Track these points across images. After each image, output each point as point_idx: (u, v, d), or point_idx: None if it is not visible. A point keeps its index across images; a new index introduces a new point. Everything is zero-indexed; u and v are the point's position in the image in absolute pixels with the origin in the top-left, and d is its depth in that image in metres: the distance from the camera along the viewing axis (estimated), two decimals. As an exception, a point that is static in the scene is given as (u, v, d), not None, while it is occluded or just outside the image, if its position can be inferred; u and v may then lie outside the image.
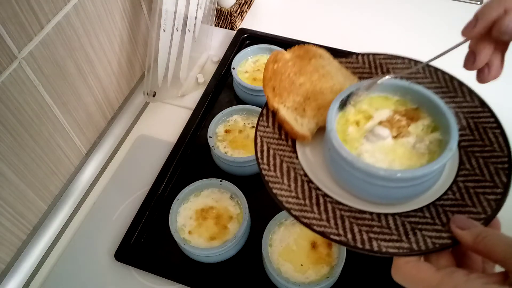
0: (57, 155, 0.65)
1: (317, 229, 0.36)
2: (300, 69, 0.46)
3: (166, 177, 0.66)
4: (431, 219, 0.36)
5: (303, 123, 0.43)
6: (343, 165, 0.37)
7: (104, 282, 0.59)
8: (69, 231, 0.64)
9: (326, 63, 0.47)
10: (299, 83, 0.45)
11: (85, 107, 0.68)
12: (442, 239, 0.35)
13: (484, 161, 0.39)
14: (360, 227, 0.36)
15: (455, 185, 0.39)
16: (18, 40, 0.53)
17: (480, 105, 0.43)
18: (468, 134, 0.42)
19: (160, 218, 0.62)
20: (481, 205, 0.36)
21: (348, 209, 0.38)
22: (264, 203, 0.62)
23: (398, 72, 0.46)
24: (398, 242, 0.35)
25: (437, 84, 0.45)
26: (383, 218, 0.37)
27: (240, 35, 0.85)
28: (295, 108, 0.44)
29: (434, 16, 0.90)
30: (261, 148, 0.42)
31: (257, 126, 0.44)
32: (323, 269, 0.54)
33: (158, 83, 0.75)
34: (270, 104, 0.43)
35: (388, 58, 0.48)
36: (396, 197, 0.38)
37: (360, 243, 0.35)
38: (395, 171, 0.36)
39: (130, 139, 0.74)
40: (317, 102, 0.44)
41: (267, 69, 0.45)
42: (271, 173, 0.40)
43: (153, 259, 0.60)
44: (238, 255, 0.59)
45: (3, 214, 0.57)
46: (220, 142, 0.67)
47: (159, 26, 0.71)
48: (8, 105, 0.53)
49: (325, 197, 0.39)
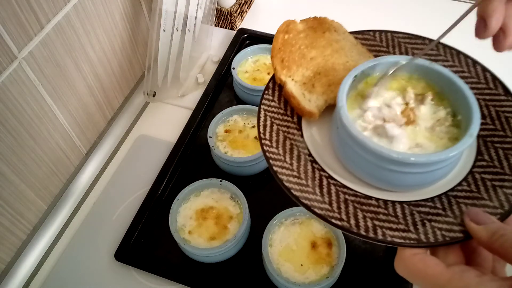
0: (57, 155, 0.65)
1: (318, 212, 0.34)
2: (312, 41, 0.43)
3: (166, 177, 0.66)
4: (442, 210, 0.34)
5: (311, 99, 0.40)
6: (351, 145, 0.35)
7: (104, 282, 0.59)
8: (69, 231, 0.64)
9: (340, 38, 0.44)
10: (310, 57, 0.43)
11: (85, 107, 0.68)
12: (453, 233, 0.32)
13: (504, 152, 0.37)
14: (364, 213, 0.34)
15: (471, 176, 0.36)
16: (18, 40, 0.53)
17: (504, 93, 0.40)
18: (489, 123, 0.39)
19: (160, 218, 0.62)
20: (498, 199, 0.34)
21: (353, 193, 0.36)
22: (264, 203, 0.62)
23: (418, 53, 0.43)
24: (405, 232, 0.33)
25: (459, 68, 0.42)
26: (391, 205, 0.35)
27: (240, 35, 0.85)
28: (304, 83, 0.41)
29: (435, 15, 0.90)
30: (264, 123, 0.40)
31: (262, 100, 0.41)
32: (323, 269, 0.54)
33: (158, 83, 0.75)
34: (277, 76, 0.41)
35: (408, 37, 0.45)
36: (406, 184, 0.35)
37: (363, 230, 0.33)
38: (409, 155, 0.33)
39: (130, 139, 0.74)
40: (328, 78, 0.42)
41: (277, 38, 0.42)
42: (273, 150, 0.38)
43: (153, 259, 0.60)
44: (238, 255, 0.59)
45: (3, 214, 0.57)
46: (220, 142, 0.67)
47: (159, 26, 0.71)
48: (8, 105, 0.53)
49: (329, 179, 0.37)
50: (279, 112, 0.41)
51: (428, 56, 0.43)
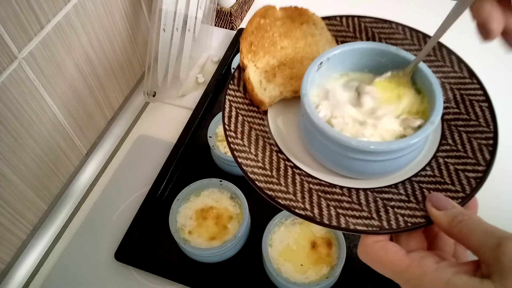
0: (57, 155, 0.65)
1: (282, 203, 0.34)
2: (287, 31, 0.42)
3: (166, 177, 0.66)
4: (405, 196, 0.34)
5: (267, 87, 0.40)
6: (314, 133, 0.35)
7: (104, 282, 0.59)
8: (69, 231, 0.64)
9: (317, 33, 0.43)
10: (280, 46, 0.42)
11: (85, 107, 0.68)
12: (415, 218, 0.32)
13: (467, 136, 0.37)
14: (328, 202, 0.34)
15: (435, 160, 0.36)
16: (18, 40, 0.53)
17: (469, 76, 0.39)
18: (454, 106, 0.38)
19: (160, 218, 0.62)
20: (460, 183, 0.34)
21: (317, 182, 0.36)
22: (264, 203, 0.62)
23: (384, 38, 0.43)
24: (368, 220, 0.33)
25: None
26: (354, 193, 0.35)
27: (240, 35, 0.85)
28: (266, 71, 0.41)
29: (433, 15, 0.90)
30: (229, 113, 0.39)
31: (227, 90, 0.40)
32: (323, 269, 0.54)
33: (158, 83, 0.75)
34: (241, 59, 0.40)
35: (375, 22, 0.45)
36: (369, 172, 0.35)
37: (327, 219, 0.33)
38: (368, 143, 0.33)
39: (130, 139, 0.74)
40: (292, 70, 0.41)
41: (252, 21, 0.41)
42: (238, 141, 0.37)
43: (153, 259, 0.60)
44: (238, 255, 0.59)
45: (3, 214, 0.57)
46: (220, 142, 0.67)
47: (159, 26, 0.71)
48: (8, 105, 0.53)
49: (294, 168, 0.36)
50: (244, 102, 0.40)
51: (394, 41, 0.43)
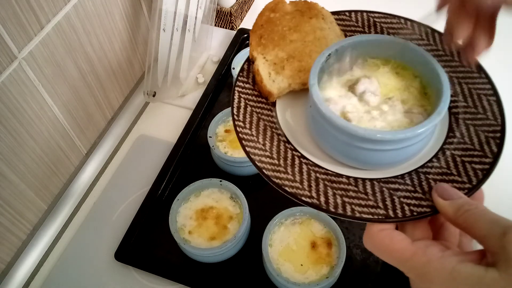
0: (57, 155, 0.65)
1: (289, 190, 0.34)
2: (296, 25, 0.43)
3: (166, 177, 0.66)
4: (412, 187, 0.34)
5: (275, 79, 0.41)
6: (322, 122, 0.35)
7: (104, 282, 0.59)
8: (69, 231, 0.64)
9: (326, 27, 0.44)
10: (290, 39, 0.42)
11: (85, 107, 0.68)
12: (421, 208, 0.33)
13: (475, 129, 0.37)
14: (335, 191, 0.35)
15: (442, 152, 0.37)
16: (18, 40, 0.53)
17: (477, 70, 0.40)
18: (461, 100, 0.39)
19: (160, 218, 0.62)
20: (466, 175, 0.34)
21: (324, 171, 0.36)
22: (264, 203, 0.62)
23: (393, 33, 0.44)
24: (374, 208, 0.33)
25: (434, 46, 0.43)
26: (361, 182, 0.35)
27: (240, 35, 0.85)
28: (274, 63, 0.41)
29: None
30: (238, 104, 0.40)
31: (236, 81, 0.41)
32: (323, 269, 0.54)
33: (158, 83, 0.75)
34: (250, 51, 0.41)
35: (383, 17, 0.46)
36: (376, 162, 0.36)
37: (333, 207, 0.33)
38: (375, 132, 0.33)
39: (130, 139, 0.74)
40: (301, 63, 0.42)
41: (262, 15, 0.42)
42: (246, 131, 0.38)
43: (153, 259, 0.60)
44: (238, 255, 0.59)
45: (3, 214, 0.57)
46: (220, 142, 0.67)
47: (159, 26, 0.71)
48: (8, 105, 0.53)
49: (301, 158, 0.37)
50: (253, 93, 0.41)
51: (403, 36, 0.43)
